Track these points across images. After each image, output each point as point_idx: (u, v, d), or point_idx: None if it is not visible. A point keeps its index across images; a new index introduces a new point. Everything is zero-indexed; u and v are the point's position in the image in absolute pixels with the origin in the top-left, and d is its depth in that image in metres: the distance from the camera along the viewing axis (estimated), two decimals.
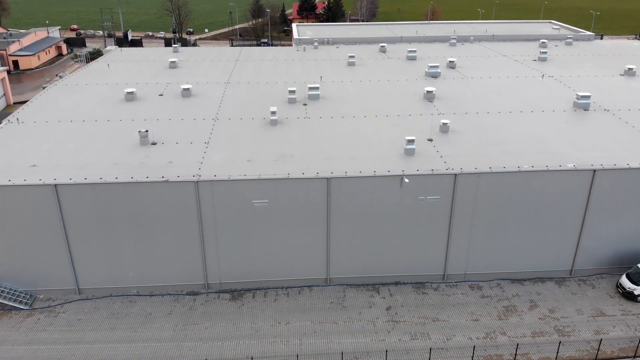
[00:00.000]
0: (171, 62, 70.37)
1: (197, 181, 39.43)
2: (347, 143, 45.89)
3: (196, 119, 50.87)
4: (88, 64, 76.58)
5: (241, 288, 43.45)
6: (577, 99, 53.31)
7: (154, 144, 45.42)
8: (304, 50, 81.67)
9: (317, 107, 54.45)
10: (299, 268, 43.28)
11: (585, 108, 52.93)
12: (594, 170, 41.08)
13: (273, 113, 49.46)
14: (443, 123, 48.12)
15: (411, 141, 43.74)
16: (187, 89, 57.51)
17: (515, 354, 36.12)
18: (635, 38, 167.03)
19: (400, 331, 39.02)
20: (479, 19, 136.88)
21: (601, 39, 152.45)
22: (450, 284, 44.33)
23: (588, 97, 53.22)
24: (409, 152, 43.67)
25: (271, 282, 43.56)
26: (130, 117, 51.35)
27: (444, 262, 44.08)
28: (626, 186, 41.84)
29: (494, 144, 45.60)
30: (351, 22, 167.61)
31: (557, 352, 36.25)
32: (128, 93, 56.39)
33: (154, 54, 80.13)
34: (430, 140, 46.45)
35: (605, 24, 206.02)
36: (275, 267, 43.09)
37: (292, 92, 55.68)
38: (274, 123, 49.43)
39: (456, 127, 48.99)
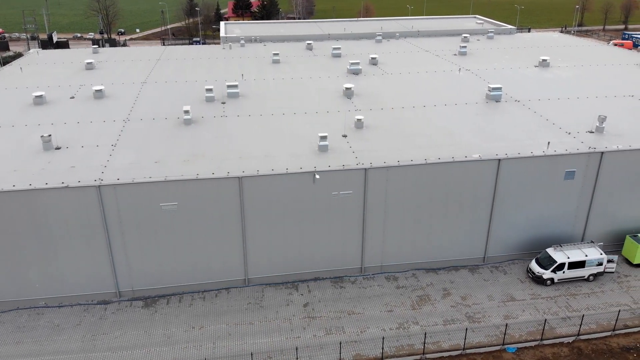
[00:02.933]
0: (87, 63, 67.89)
1: (99, 186, 37.99)
2: (262, 141, 45.45)
3: (106, 121, 49.14)
4: (1, 68, 72.79)
5: (155, 294, 42.27)
6: (489, 91, 54.89)
7: (58, 148, 43.52)
8: (230, 48, 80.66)
9: (236, 105, 53.73)
10: (216, 270, 42.53)
11: (497, 99, 54.56)
12: (499, 160, 42.32)
13: (186, 112, 48.41)
14: (357, 119, 48.42)
15: (324, 138, 43.76)
16: (100, 91, 55.54)
17: (424, 343, 36.69)
18: (561, 31, 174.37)
19: (316, 327, 38.98)
20: (408, 15, 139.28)
21: (529, 32, 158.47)
22: (368, 276, 44.71)
23: (499, 88, 54.88)
24: (323, 149, 43.67)
25: (187, 287, 42.60)
26: (36, 122, 49.05)
27: (360, 255, 44.38)
28: (531, 174, 43.32)
29: (406, 138, 46.26)
30: (288, 20, 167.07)
31: (465, 338, 37.08)
32: (36, 97, 53.89)
33: (72, 55, 77.06)
34: (345, 136, 46.64)
35: (535, 18, 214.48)
36: (190, 271, 42.16)
37: (210, 90, 54.71)
38: (187, 122, 48.38)
39: (371, 123, 49.41)
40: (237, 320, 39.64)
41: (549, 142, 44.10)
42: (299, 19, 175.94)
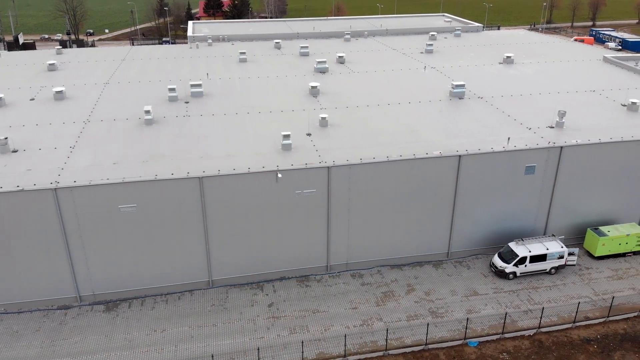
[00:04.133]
0: (50, 64, 66.50)
1: (55, 188, 37.19)
2: (225, 140, 45.07)
3: (65, 122, 48.19)
4: None
5: (117, 298, 41.57)
6: (453, 88, 55.34)
7: (14, 151, 42.51)
8: (197, 47, 79.90)
9: (199, 104, 53.20)
10: (179, 273, 42.01)
11: (460, 97, 55.05)
12: (460, 156, 42.68)
13: (147, 112, 47.76)
14: (322, 118, 48.36)
15: (287, 136, 43.60)
16: (60, 92, 54.44)
17: (386, 340, 36.80)
18: (530, 28, 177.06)
19: (280, 327, 38.80)
20: (378, 14, 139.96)
21: (498, 29, 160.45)
22: (334, 274, 44.69)
23: (462, 86, 55.37)
24: (286, 147, 43.49)
25: (149, 290, 41.99)
26: None
27: (326, 253, 44.32)
28: (491, 169, 43.79)
29: (369, 135, 46.35)
30: (260, 19, 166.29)
31: (427, 333, 37.29)
32: None
33: (35, 57, 75.40)
34: (309, 134, 46.53)
35: (505, 16, 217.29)
36: (152, 273, 41.57)
37: (173, 90, 54.09)
38: (149, 123, 47.72)
39: (336, 121, 49.40)
40: (200, 322, 39.21)
41: (509, 138, 44.64)
42: (271, 18, 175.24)
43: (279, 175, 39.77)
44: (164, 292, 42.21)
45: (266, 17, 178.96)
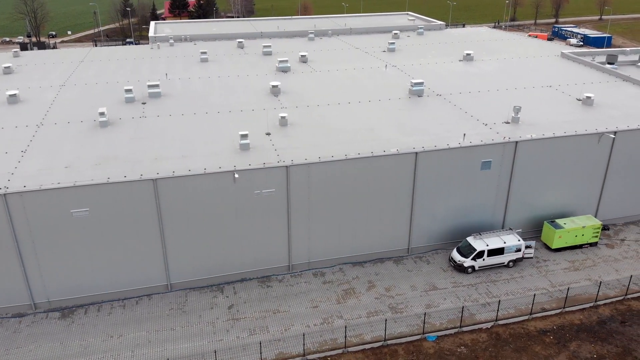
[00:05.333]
0: (5, 67, 64.72)
1: (5, 194, 36.16)
2: (182, 141, 44.52)
3: (18, 126, 46.95)
4: None
5: (72, 305, 40.67)
6: (412, 86, 55.74)
7: None
8: (158, 48, 78.80)
9: (157, 105, 52.46)
10: (136, 277, 41.30)
11: (419, 94, 55.49)
12: (416, 153, 42.99)
13: (102, 114, 46.87)
14: (282, 117, 48.18)
15: (245, 136, 43.30)
16: (14, 95, 53.03)
17: (345, 337, 36.84)
18: (494, 26, 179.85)
19: (240, 328, 38.49)
20: (344, 13, 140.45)
21: (463, 27, 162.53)
22: (295, 273, 44.56)
23: (421, 83, 55.82)
24: (244, 147, 43.18)
25: (106, 295, 41.18)
26: None
27: (287, 253, 44.16)
28: (448, 165, 44.24)
29: (329, 134, 46.35)
30: (228, 19, 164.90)
31: (385, 329, 37.47)
32: None
33: None
34: (268, 134, 46.31)
35: (470, 14, 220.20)
36: (109, 278, 40.79)
37: (129, 91, 53.21)
38: (103, 125, 46.82)
39: (296, 120, 49.28)
40: (157, 326, 38.63)
41: (464, 134, 45.18)
42: (239, 18, 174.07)
43: (236, 175, 39.45)
44: (122, 297, 41.47)
45: (233, 17, 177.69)
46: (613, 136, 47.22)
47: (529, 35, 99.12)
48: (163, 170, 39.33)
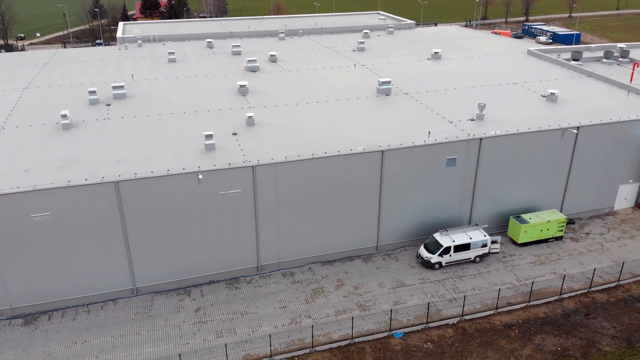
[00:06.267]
0: None
1: None
2: (145, 143, 43.96)
3: None
4: None
5: (36, 311, 39.84)
6: (379, 85, 55.95)
7: None
8: (126, 49, 77.72)
9: (122, 107, 51.73)
10: (100, 282, 40.63)
11: (387, 93, 55.74)
12: (382, 151, 43.15)
13: (64, 117, 46.02)
14: (249, 116, 47.92)
15: (210, 136, 42.95)
16: None
17: (312, 336, 36.81)
18: (466, 25, 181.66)
19: (207, 331, 38.15)
20: (316, 13, 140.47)
21: (435, 25, 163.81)
22: (264, 274, 44.36)
23: (389, 82, 56.10)
24: (209, 148, 42.84)
25: (70, 301, 40.43)
26: None
27: (256, 254, 43.92)
28: (414, 163, 44.50)
29: (296, 134, 46.26)
30: (200, 19, 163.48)
31: (352, 327, 37.55)
32: None
33: None
34: (235, 134, 46.02)
35: (443, 13, 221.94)
36: (73, 284, 40.04)
37: (93, 92, 52.37)
38: (66, 127, 45.99)
39: (263, 120, 49.07)
40: (122, 331, 38.08)
41: (429, 132, 45.50)
42: (211, 18, 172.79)
43: (200, 176, 39.08)
44: (86, 302, 40.78)
45: (206, 17, 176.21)
46: (576, 131, 48.06)
47: (493, 33, 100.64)
48: (125, 173, 38.76)
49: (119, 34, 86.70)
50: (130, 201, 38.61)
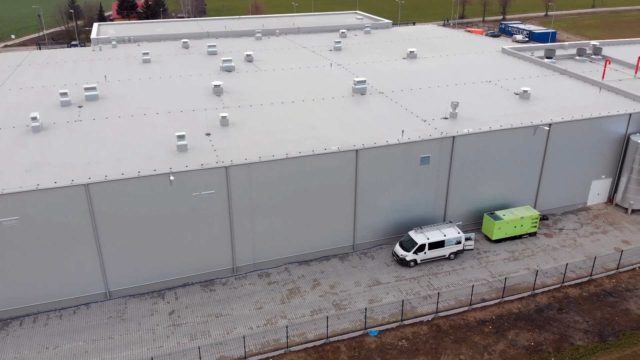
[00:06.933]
0: None
1: None
2: (117, 144, 43.46)
3: None
4: None
5: (7, 317, 39.11)
6: (355, 84, 56.04)
7: None
8: (100, 50, 76.77)
9: (94, 108, 51.09)
10: (73, 286, 40.03)
11: (362, 92, 55.86)
12: (357, 150, 43.21)
13: (34, 119, 45.31)
14: (222, 117, 47.66)
15: (182, 137, 42.62)
16: None
17: (287, 337, 36.72)
18: (444, 24, 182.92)
19: (181, 334, 37.82)
20: (294, 13, 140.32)
21: (414, 25, 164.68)
22: (240, 275, 44.13)
23: (364, 82, 56.23)
24: (182, 148, 42.50)
25: (42, 306, 39.78)
26: None
27: (231, 255, 43.67)
28: (388, 161, 44.65)
29: (271, 133, 46.12)
30: (178, 19, 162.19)
31: (327, 327, 37.55)
32: None
33: None
34: (208, 134, 45.72)
35: (421, 12, 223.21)
36: (44, 288, 39.38)
37: (65, 94, 51.63)
38: (36, 130, 45.27)
39: (237, 120, 48.84)
40: (95, 336, 37.58)
41: (403, 131, 45.69)
42: (189, 18, 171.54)
43: (171, 177, 38.72)
44: (59, 307, 40.16)
45: (183, 18, 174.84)
46: (547, 128, 48.65)
47: (466, 31, 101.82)
48: (95, 175, 38.26)
49: (93, 35, 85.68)
50: (101, 204, 38.11)
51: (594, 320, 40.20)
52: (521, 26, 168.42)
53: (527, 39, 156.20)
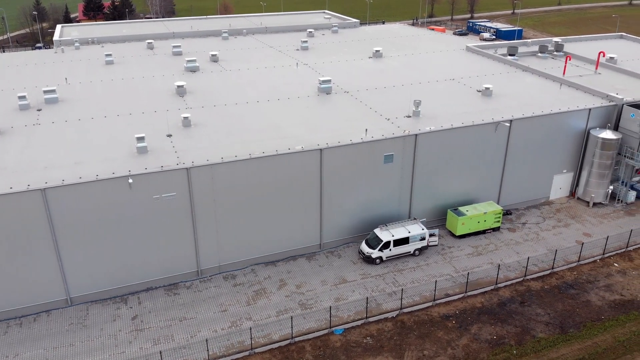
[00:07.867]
0: None
1: None
2: (76, 148, 42.67)
3: None
4: None
5: None
6: (320, 83, 56.08)
7: None
8: (62, 52, 75.24)
9: (53, 111, 50.08)
10: (32, 293, 39.13)
11: (328, 92, 55.94)
12: (321, 150, 43.24)
13: None
14: (184, 117, 47.18)
15: (141, 139, 42.06)
16: None
17: (251, 338, 36.58)
18: (413, 23, 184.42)
19: (143, 339, 37.32)
20: (263, 13, 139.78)
21: (383, 24, 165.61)
22: (205, 278, 43.75)
23: (329, 81, 56.32)
24: (142, 150, 41.94)
25: (2, 314, 38.81)
26: None
27: (195, 258, 43.25)
28: (352, 160, 44.80)
29: (234, 134, 45.85)
30: (146, 19, 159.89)
31: (292, 327, 37.52)
32: None
33: None
34: (170, 136, 45.21)
35: (391, 12, 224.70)
36: (3, 296, 38.43)
37: (23, 97, 50.47)
38: None
39: (200, 121, 48.41)
40: (56, 343, 36.84)
41: (366, 129, 45.90)
42: (157, 19, 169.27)
43: (130, 180, 38.15)
44: (18, 314, 39.23)
45: (151, 18, 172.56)
46: (508, 125, 49.43)
47: (429, 29, 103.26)
48: (52, 179, 37.47)
49: (56, 37, 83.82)
50: (58, 209, 37.34)
51: (556, 312, 41.01)
52: (488, 24, 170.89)
53: (495, 37, 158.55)
